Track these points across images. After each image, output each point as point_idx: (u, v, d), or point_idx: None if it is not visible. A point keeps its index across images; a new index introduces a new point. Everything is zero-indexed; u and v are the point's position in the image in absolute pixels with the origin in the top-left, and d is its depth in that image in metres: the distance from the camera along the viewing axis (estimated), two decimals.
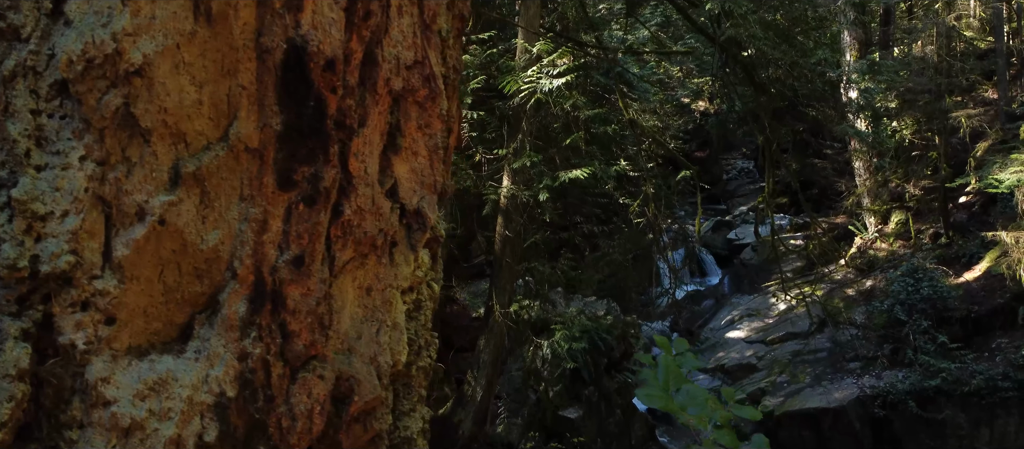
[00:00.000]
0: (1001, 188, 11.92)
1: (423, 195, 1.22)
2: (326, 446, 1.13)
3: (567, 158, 7.54)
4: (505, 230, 7.73)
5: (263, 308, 0.98)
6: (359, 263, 1.16)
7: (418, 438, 1.46)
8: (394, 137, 1.17)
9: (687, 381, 1.64)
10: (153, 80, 0.84)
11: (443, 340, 11.02)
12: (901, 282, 13.40)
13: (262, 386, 0.98)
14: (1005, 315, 12.72)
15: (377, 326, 1.19)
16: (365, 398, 1.15)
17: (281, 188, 0.98)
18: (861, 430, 12.67)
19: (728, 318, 17.02)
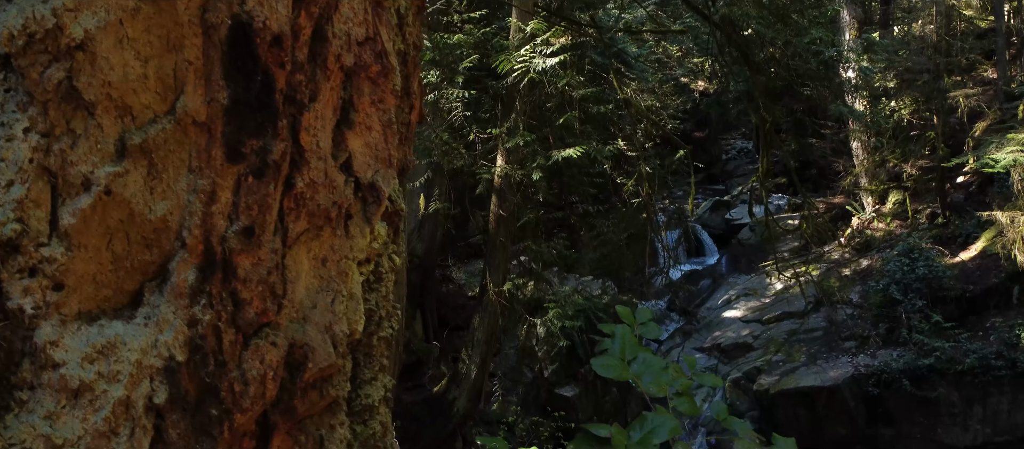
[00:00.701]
0: (997, 168, 11.94)
1: (378, 169, 1.25)
2: (281, 411, 1.17)
3: (561, 138, 7.56)
4: (499, 209, 7.77)
5: (213, 277, 1.02)
6: (314, 235, 1.19)
7: (380, 406, 1.50)
8: (347, 112, 1.20)
9: (644, 350, 1.67)
10: (96, 55, 0.87)
11: (439, 319, 11.10)
12: (897, 262, 13.47)
13: (213, 351, 1.02)
14: (1000, 295, 12.79)
15: (332, 296, 1.23)
16: (320, 365, 1.18)
17: (230, 161, 1.01)
18: (855, 408, 12.78)
19: (725, 297, 17.10)
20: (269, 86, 1.03)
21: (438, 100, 7.02)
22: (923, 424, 12.34)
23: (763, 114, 7.68)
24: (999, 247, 12.19)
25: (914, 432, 12.41)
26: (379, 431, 1.50)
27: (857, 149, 17.04)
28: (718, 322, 16.31)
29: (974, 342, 12.17)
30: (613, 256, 10.35)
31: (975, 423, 12.03)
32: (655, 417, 1.45)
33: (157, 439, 0.99)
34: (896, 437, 12.53)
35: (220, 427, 1.07)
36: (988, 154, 12.01)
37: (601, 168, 10.70)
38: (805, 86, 8.48)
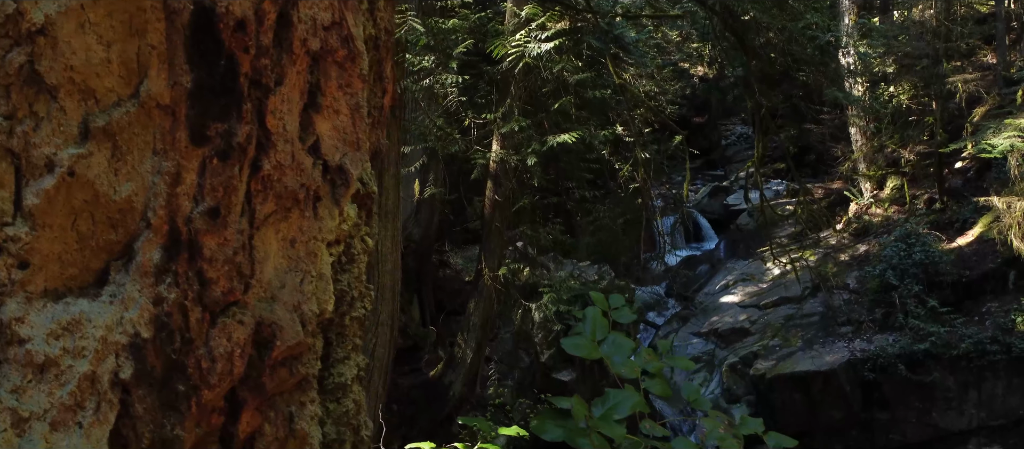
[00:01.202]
0: (994, 153, 11.95)
1: (346, 152, 1.27)
2: (250, 388, 1.19)
3: (557, 123, 7.57)
4: (495, 195, 7.79)
5: (179, 256, 1.04)
6: (282, 216, 1.22)
7: (353, 384, 1.53)
8: (314, 96, 1.22)
9: (615, 332, 1.70)
10: (57, 39, 0.90)
11: (435, 304, 11.15)
12: (894, 247, 13.49)
13: (179, 329, 1.05)
14: (996, 280, 12.82)
15: (301, 276, 1.25)
16: (288, 344, 1.21)
17: (194, 143, 1.03)
18: (851, 392, 12.84)
19: (723, 283, 17.14)
20: (233, 70, 1.06)
21: (433, 85, 7.04)
22: (918, 408, 12.40)
23: (759, 99, 7.69)
24: (996, 232, 12.21)
25: (909, 416, 12.48)
26: (352, 409, 1.53)
27: (855, 134, 17.04)
28: (715, 307, 16.36)
29: (970, 327, 12.21)
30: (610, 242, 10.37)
31: (970, 407, 12.09)
32: (618, 393, 1.48)
33: (124, 413, 1.02)
34: (891, 421, 12.61)
35: (187, 402, 1.10)
36: (985, 139, 12.01)
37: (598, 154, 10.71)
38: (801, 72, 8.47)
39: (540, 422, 1.39)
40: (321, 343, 1.38)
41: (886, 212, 16.27)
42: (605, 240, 10.41)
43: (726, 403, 14.23)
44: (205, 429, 1.16)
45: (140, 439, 1.05)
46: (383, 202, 6.35)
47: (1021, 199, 11.77)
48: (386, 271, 6.41)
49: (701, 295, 17.30)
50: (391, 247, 6.42)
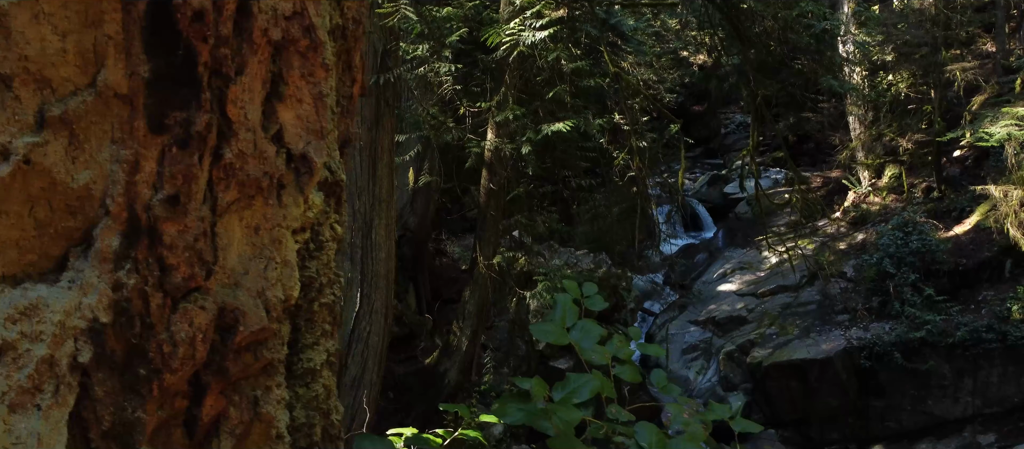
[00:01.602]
0: (991, 142, 11.95)
1: (310, 140, 1.29)
2: (213, 372, 1.22)
3: (552, 111, 7.58)
4: (490, 183, 7.80)
5: (139, 243, 1.06)
6: (246, 204, 1.24)
7: (323, 369, 1.55)
8: (277, 85, 1.24)
9: (585, 319, 1.72)
10: (11, 30, 0.91)
11: (432, 292, 11.18)
12: (891, 236, 13.50)
13: (139, 314, 1.07)
14: (992, 268, 12.84)
15: (265, 263, 1.27)
16: (251, 329, 1.23)
17: (153, 132, 1.05)
18: (847, 380, 12.89)
19: (721, 271, 17.17)
20: (191, 60, 1.08)
21: (428, 74, 7.05)
22: (913, 396, 12.45)
23: (754, 88, 7.68)
24: (992, 221, 12.23)
25: (904, 404, 12.53)
26: (322, 394, 1.55)
27: (854, 123, 17.03)
28: (713, 296, 16.40)
29: (965, 315, 12.24)
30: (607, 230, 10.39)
31: (965, 395, 12.13)
32: (578, 377, 1.50)
33: (84, 396, 1.04)
34: (887, 409, 12.65)
35: (149, 386, 1.12)
36: (982, 128, 12.01)
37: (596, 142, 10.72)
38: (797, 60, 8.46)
39: (502, 405, 1.42)
40: (288, 329, 1.40)
41: (884, 201, 16.28)
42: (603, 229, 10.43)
43: (723, 391, 14.29)
44: (168, 412, 1.18)
45: (101, 421, 1.08)
46: (377, 191, 6.37)
47: (1018, 188, 11.77)
48: (380, 259, 6.43)
49: (699, 283, 17.33)
50: (385, 236, 6.44)
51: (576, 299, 1.90)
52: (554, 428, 1.35)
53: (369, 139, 6.10)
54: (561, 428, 1.37)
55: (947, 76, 15.19)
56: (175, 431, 1.22)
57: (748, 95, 8.05)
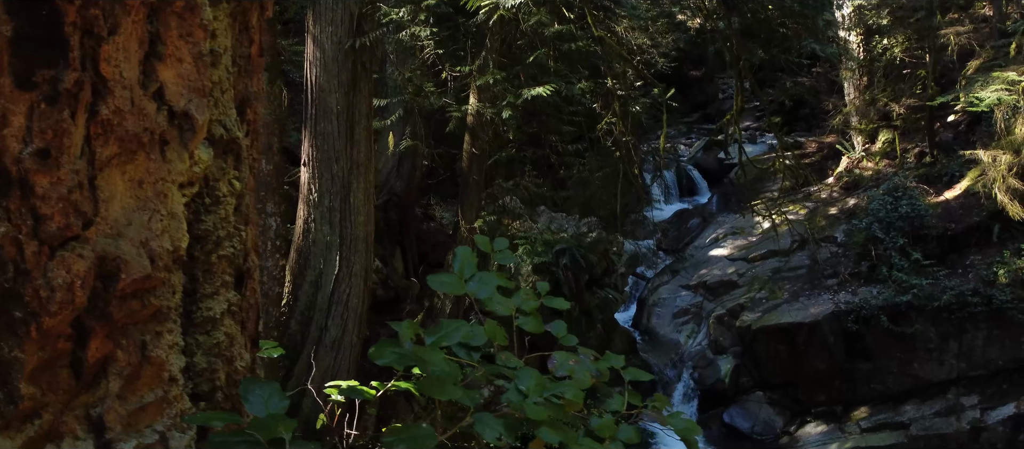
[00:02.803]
0: (981, 107, 11.92)
1: (191, 98, 1.35)
2: (96, 317, 1.29)
3: (534, 76, 7.59)
4: (472, 148, 7.84)
5: (11, 194, 1.13)
6: (128, 158, 1.30)
7: (224, 318, 1.62)
8: (156, 45, 1.30)
9: (484, 271, 1.79)
10: None
11: (419, 255, 11.27)
12: (880, 200, 13.52)
13: (13, 261, 1.14)
14: (981, 233, 12.88)
15: (150, 215, 1.34)
16: (134, 276, 1.30)
17: (20, 88, 1.11)
18: (834, 343, 13.00)
19: (713, 236, 17.24)
20: (56, 20, 1.14)
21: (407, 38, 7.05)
22: (900, 359, 12.56)
23: (737, 52, 7.68)
24: (981, 186, 12.25)
25: (891, 366, 12.64)
26: (224, 341, 1.63)
27: (848, 88, 16.98)
28: (705, 260, 16.48)
29: (952, 279, 12.31)
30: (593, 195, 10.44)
31: (950, 358, 12.25)
32: (449, 323, 1.57)
33: None
34: (873, 371, 12.78)
35: (26, 328, 1.20)
36: (973, 92, 11.98)
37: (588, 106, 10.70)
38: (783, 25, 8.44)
39: (377, 348, 1.49)
40: (179, 278, 1.47)
41: (877, 166, 16.29)
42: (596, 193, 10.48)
43: (712, 354, 14.42)
44: (50, 353, 1.26)
45: None
46: (355, 155, 6.42)
47: (1006, 153, 11.78)
48: (359, 223, 6.50)
49: (692, 248, 17.41)
50: (364, 199, 6.50)
51: (486, 253, 1.97)
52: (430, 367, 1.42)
53: (346, 103, 6.14)
54: (433, 370, 1.44)
55: (942, 40, 15.09)
56: (61, 371, 1.30)
57: (731, 59, 8.05)
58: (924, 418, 12.15)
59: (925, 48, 15.43)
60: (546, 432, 1.40)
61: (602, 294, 13.69)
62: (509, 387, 1.52)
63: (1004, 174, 11.74)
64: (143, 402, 1.39)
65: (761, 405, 13.83)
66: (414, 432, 1.31)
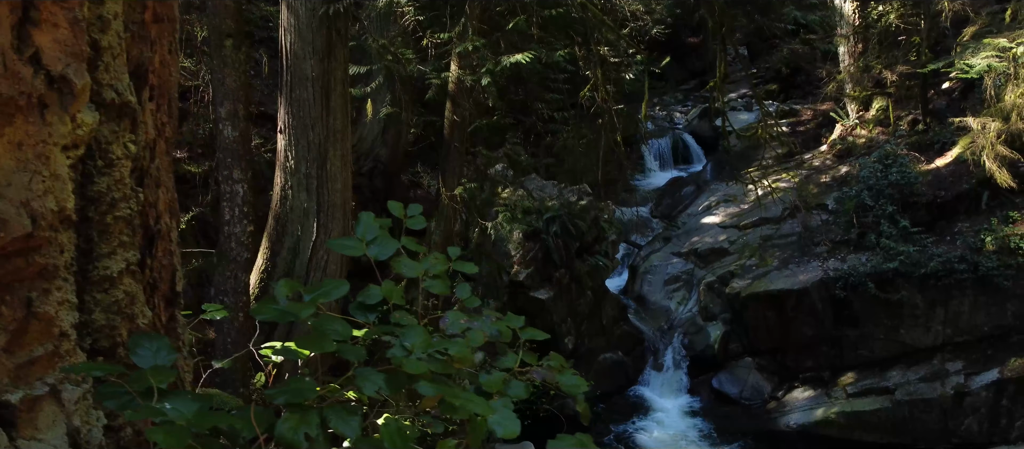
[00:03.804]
0: (971, 73, 11.87)
1: (69, 63, 1.39)
2: None
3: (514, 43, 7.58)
4: (453, 115, 7.86)
5: None
6: (5, 121, 1.35)
7: (123, 277, 1.68)
8: (29, 10, 1.34)
9: (384, 234, 1.84)
10: None
11: None
12: (870, 168, 13.53)
13: None
14: (970, 200, 12.89)
15: (30, 176, 1.39)
16: (13, 235, 1.35)
17: None
18: (822, 310, 13.08)
19: (705, 204, 17.27)
20: None
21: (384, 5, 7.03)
22: (887, 325, 12.65)
23: (719, 20, 7.66)
24: (969, 153, 12.23)
25: (878, 333, 12.74)
26: (123, 299, 1.69)
27: (843, 55, 16.89)
28: (697, 228, 16.53)
29: (940, 246, 12.35)
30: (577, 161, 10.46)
31: (937, 324, 12.32)
32: (330, 282, 1.62)
33: None
34: (860, 337, 12.87)
35: None
36: (964, 59, 11.92)
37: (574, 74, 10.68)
38: None
39: (259, 306, 1.54)
40: (69, 237, 1.53)
41: (871, 133, 16.25)
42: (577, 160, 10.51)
43: (702, 321, 14.53)
44: None
45: None
46: (331, 123, 6.45)
47: (996, 120, 11.74)
48: (336, 190, 6.55)
49: (684, 216, 17.45)
50: (341, 167, 6.54)
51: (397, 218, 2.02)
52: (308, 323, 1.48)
53: (321, 70, 6.16)
54: (314, 327, 1.49)
55: (937, 7, 14.97)
56: None
57: (714, 26, 8.03)
58: (909, 383, 12.27)
59: (920, 14, 15.31)
60: (424, 386, 1.46)
61: (592, 261, 13.76)
62: (395, 342, 1.58)
63: (993, 141, 11.72)
64: (32, 356, 1.45)
65: (750, 371, 13.96)
66: (297, 386, 1.37)
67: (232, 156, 5.98)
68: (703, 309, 14.58)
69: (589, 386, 1.78)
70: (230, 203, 5.88)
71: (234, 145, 5.98)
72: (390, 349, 1.54)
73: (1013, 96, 11.58)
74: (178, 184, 7.41)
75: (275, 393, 1.35)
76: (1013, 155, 11.82)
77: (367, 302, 1.69)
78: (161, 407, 1.18)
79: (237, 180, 5.94)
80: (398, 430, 1.42)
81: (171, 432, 1.09)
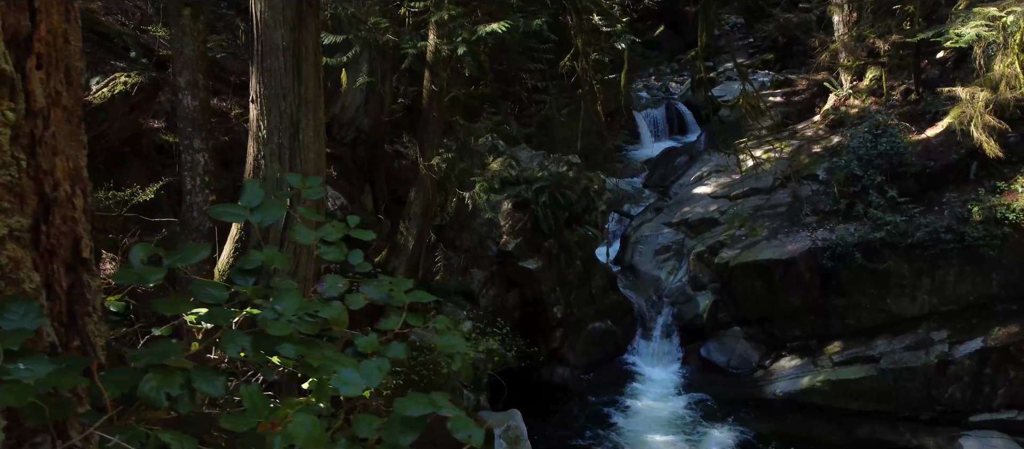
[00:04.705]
0: (960, 43, 11.79)
1: None
2: None
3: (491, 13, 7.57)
4: (432, 85, 7.88)
5: None
6: None
7: (7, 242, 1.74)
8: None
9: (270, 201, 1.89)
10: None
11: (390, 193, 11.38)
12: (860, 138, 13.50)
13: None
14: (958, 170, 12.87)
15: None
16: None
17: None
18: (810, 280, 13.13)
19: (697, 174, 17.28)
20: None
21: None
22: (873, 295, 12.70)
23: None
24: (958, 123, 12.20)
25: (864, 302, 12.80)
26: (7, 264, 1.75)
27: (837, 24, 16.77)
28: (689, 198, 16.56)
29: (927, 217, 12.36)
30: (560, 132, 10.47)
31: (922, 294, 12.37)
32: (191, 246, 1.68)
33: None
34: (847, 307, 12.94)
35: None
36: (953, 29, 11.84)
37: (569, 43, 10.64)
38: None
39: (118, 273, 1.60)
40: None
41: (864, 103, 16.19)
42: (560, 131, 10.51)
43: (691, 291, 14.60)
44: None
45: None
46: (302, 93, 6.47)
47: (984, 89, 11.69)
48: (309, 160, 6.58)
49: (676, 186, 17.47)
50: (313, 137, 6.57)
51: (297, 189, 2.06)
52: None
53: (292, 39, 6.16)
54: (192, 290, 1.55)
55: None
56: None
57: None
58: (894, 352, 12.34)
59: None
60: (285, 347, 1.52)
61: (582, 232, 13.82)
62: (266, 305, 1.63)
63: (981, 111, 11.68)
64: None
65: (738, 340, 14.05)
66: (160, 348, 1.43)
67: (192, 125, 6.01)
68: (693, 279, 14.65)
69: (468, 346, 1.84)
70: (191, 173, 5.92)
71: (194, 114, 6.01)
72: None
73: (1002, 66, 11.52)
74: (157, 154, 7.41)
75: (138, 355, 1.42)
76: (1001, 125, 11.79)
77: (246, 267, 1.75)
78: (13, 367, 1.24)
79: (198, 149, 5.98)
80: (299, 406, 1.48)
81: (11, 390, 1.15)
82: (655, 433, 12.68)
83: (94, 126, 6.43)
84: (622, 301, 14.69)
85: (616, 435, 12.62)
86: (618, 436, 12.59)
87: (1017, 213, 11.50)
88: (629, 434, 12.66)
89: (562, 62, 8.23)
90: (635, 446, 12.42)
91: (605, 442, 12.64)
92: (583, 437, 12.69)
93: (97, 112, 6.46)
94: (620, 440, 12.52)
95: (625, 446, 12.39)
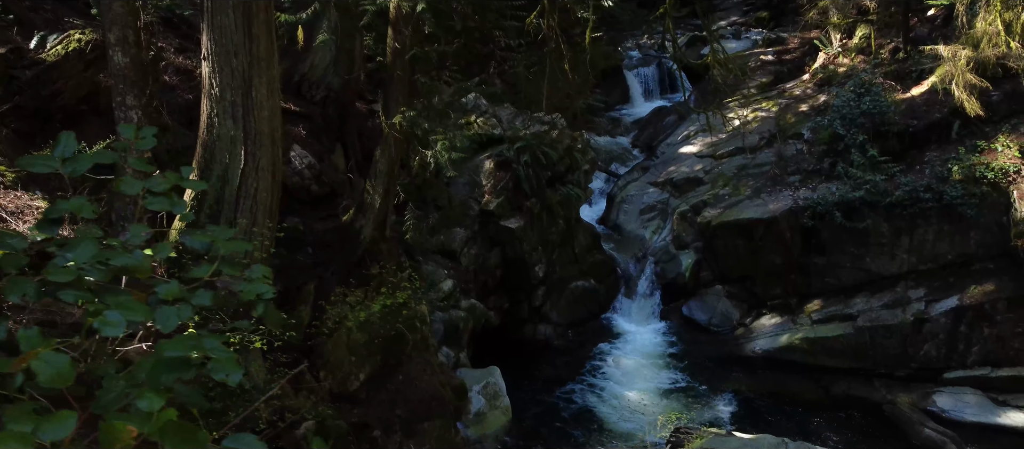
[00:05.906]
0: (942, 0, 11.64)
1: None
2: None
3: None
4: (395, 43, 7.86)
5: None
6: None
7: None
8: None
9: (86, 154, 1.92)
10: None
11: (363, 153, 11.39)
12: (844, 97, 13.41)
13: None
14: (941, 130, 12.80)
15: None
16: None
17: None
18: (791, 239, 13.15)
19: (685, 133, 17.21)
20: None
21: None
22: (853, 253, 12.72)
23: None
24: (940, 82, 12.09)
25: (844, 261, 12.83)
26: None
27: None
28: (675, 157, 16.53)
29: (908, 176, 12.32)
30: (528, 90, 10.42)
31: (902, 252, 12.39)
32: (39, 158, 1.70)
33: None
34: (827, 265, 12.97)
35: None
36: None
37: None
38: None
39: None
40: None
41: (852, 62, 16.05)
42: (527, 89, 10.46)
43: (675, 249, 14.64)
44: None
45: None
46: (254, 50, 6.47)
47: (966, 48, 11.57)
48: (263, 118, 6.61)
49: (664, 146, 17.43)
50: (267, 94, 6.59)
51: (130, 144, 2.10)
52: None
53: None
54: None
55: None
56: None
57: None
58: (872, 310, 12.39)
59: None
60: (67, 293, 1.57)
61: (564, 191, 13.83)
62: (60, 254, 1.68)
63: (963, 69, 11.58)
64: None
65: (719, 298, 14.12)
66: None
67: (124, 82, 6.01)
68: (676, 238, 14.68)
69: (273, 292, 1.89)
70: None
71: (125, 71, 6.01)
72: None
73: (984, 23, 11.39)
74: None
75: None
76: (982, 83, 11.69)
77: (51, 217, 1.79)
78: None
79: (130, 106, 5.99)
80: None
81: None
82: (634, 389, 12.82)
83: (49, 84, 6.46)
84: (606, 260, 14.75)
85: (596, 391, 12.76)
86: (598, 392, 12.74)
87: (996, 172, 11.45)
88: (609, 390, 12.80)
89: (528, 19, 8.18)
90: (615, 402, 12.56)
91: (586, 397, 12.79)
92: (564, 392, 12.84)
93: (52, 70, 6.48)
94: (600, 396, 12.67)
95: (605, 401, 12.54)
